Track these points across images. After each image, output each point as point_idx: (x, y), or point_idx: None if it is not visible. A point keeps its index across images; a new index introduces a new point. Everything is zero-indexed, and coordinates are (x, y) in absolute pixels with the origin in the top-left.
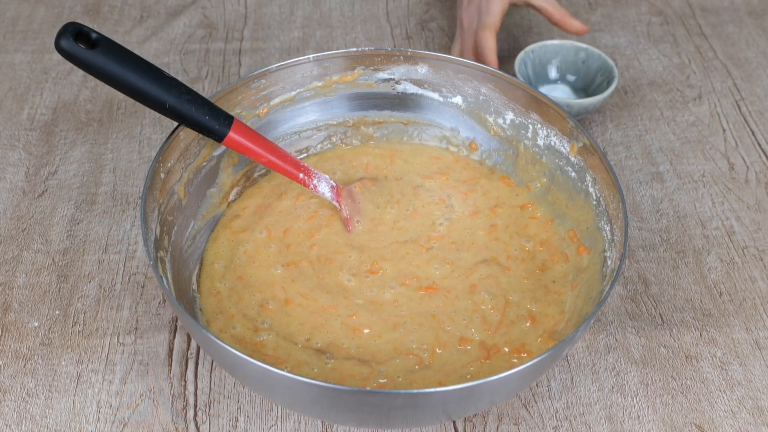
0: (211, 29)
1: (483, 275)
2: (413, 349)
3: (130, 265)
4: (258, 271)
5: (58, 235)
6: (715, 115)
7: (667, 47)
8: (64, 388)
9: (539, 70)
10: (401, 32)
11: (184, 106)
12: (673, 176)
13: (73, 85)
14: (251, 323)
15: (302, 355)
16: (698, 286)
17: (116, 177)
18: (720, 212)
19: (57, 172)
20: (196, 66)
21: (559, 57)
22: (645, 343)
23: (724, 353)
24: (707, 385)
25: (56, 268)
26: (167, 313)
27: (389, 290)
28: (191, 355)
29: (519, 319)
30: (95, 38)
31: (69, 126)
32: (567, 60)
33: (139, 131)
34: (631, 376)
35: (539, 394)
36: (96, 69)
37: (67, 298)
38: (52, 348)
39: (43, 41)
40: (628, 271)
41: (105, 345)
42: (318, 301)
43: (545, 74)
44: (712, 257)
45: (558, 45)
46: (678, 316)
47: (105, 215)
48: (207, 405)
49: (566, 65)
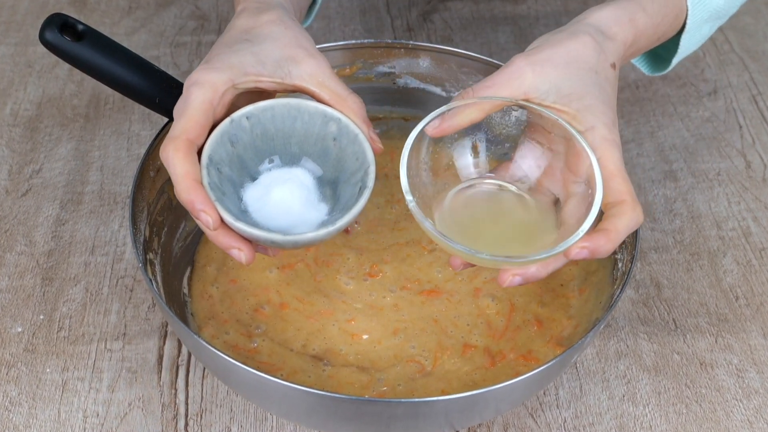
0: (203, 20)
1: (487, 278)
2: (414, 356)
3: (118, 267)
4: (252, 274)
5: (42, 236)
6: (731, 111)
7: None
8: (49, 396)
9: (261, 146)
10: (402, 24)
11: (174, 101)
12: (687, 175)
13: (59, 79)
14: (245, 328)
15: (298, 362)
16: (713, 290)
17: (103, 175)
18: (736, 212)
19: (41, 170)
20: (187, 59)
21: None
22: (657, 350)
23: (740, 360)
24: (723, 394)
25: (40, 270)
26: (157, 318)
27: (389, 294)
28: (182, 362)
29: (525, 325)
30: (81, 30)
31: (54, 122)
32: (310, 134)
33: (127, 127)
34: (643, 384)
35: (547, 402)
36: (82, 62)
37: (51, 302)
38: (36, 354)
39: (26, 33)
40: (639, 274)
41: (92, 351)
42: (315, 306)
43: (268, 154)
44: (728, 259)
45: (294, 107)
46: (692, 321)
47: (92, 215)
48: (198, 414)
49: (309, 142)
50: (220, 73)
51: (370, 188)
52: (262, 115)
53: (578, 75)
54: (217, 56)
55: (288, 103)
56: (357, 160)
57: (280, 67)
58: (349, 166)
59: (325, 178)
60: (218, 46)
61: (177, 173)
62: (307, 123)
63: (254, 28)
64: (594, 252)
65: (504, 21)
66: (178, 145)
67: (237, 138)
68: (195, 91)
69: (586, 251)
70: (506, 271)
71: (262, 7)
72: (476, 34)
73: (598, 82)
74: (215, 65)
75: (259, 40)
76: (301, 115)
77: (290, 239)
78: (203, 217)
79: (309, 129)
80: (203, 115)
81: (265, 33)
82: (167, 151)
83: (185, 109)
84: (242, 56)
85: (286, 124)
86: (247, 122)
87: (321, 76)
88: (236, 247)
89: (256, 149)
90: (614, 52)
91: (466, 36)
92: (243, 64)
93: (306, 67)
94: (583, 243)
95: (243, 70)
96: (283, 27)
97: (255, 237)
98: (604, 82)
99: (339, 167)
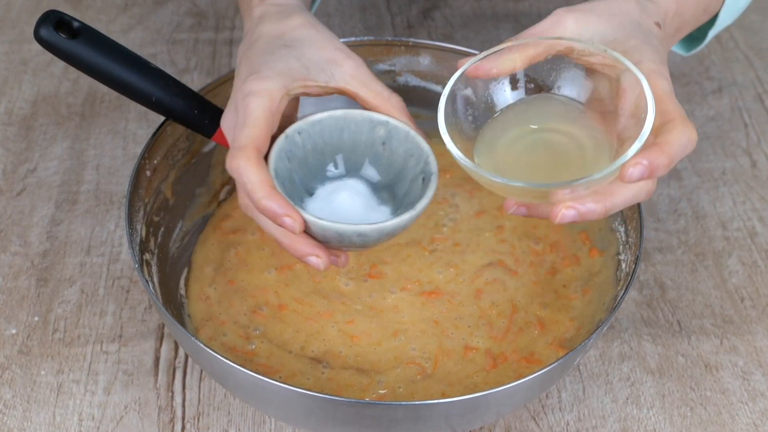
0: (201, 18)
1: (489, 279)
2: (415, 358)
3: (114, 268)
4: (250, 275)
5: (37, 237)
6: (736, 109)
7: None
8: (44, 399)
9: (313, 162)
10: (402, 21)
11: (171, 100)
12: (691, 174)
13: (54, 77)
14: (243, 330)
15: (297, 364)
16: (718, 291)
17: (99, 175)
18: (741, 212)
19: (36, 169)
20: (184, 57)
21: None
22: (662, 352)
23: (746, 362)
24: (728, 397)
25: (35, 271)
26: (153, 319)
27: (389, 295)
28: (179, 364)
29: (527, 326)
30: (77, 27)
31: (49, 120)
32: (358, 142)
33: (123, 126)
34: (647, 386)
35: (549, 405)
36: (78, 60)
37: (46, 303)
38: (30, 357)
39: (21, 30)
40: (643, 275)
41: (87, 353)
42: (314, 307)
43: (320, 168)
44: (733, 260)
45: (341, 118)
46: (697, 322)
47: (87, 215)
48: (195, 417)
49: (358, 151)
50: (272, 81)
51: (436, 173)
52: (311, 129)
53: (621, 24)
54: (263, 64)
55: (334, 115)
56: (412, 156)
57: (323, 71)
58: (403, 165)
59: (380, 183)
60: (256, 54)
61: (252, 182)
62: (354, 132)
63: (286, 33)
64: (652, 168)
65: (506, 18)
66: (249, 154)
67: (292, 154)
68: (253, 101)
69: (641, 167)
70: (558, 205)
71: (285, 11)
72: (477, 32)
73: (642, 32)
74: (266, 74)
75: (297, 45)
76: (347, 126)
77: (376, 228)
78: (287, 222)
79: (356, 138)
80: (266, 123)
81: (299, 37)
82: (238, 161)
83: (247, 118)
84: (288, 62)
85: (333, 136)
86: (299, 138)
87: (362, 76)
88: (315, 253)
89: (308, 164)
90: (657, 13)
91: (467, 33)
92: (291, 70)
93: (347, 68)
94: (637, 159)
95: (292, 76)
96: (315, 30)
97: (340, 232)
98: (649, 34)
99: (392, 169)
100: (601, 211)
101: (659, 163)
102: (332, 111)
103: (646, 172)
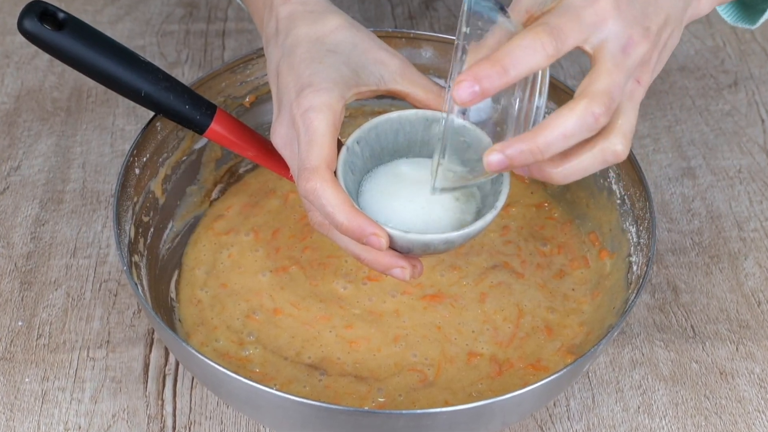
0: (192, 8)
1: (494, 282)
2: (416, 365)
3: (101, 271)
4: (243, 278)
5: (21, 238)
6: (753, 104)
7: (699, 28)
8: (28, 407)
9: (370, 167)
10: (403, 12)
11: (161, 94)
12: (706, 172)
13: (38, 71)
14: (236, 336)
15: (292, 371)
16: (734, 295)
17: (86, 173)
18: (758, 212)
19: (20, 167)
20: (174, 49)
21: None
22: (675, 358)
23: (763, 369)
24: (744, 405)
25: (19, 274)
26: (143, 324)
27: (389, 299)
28: (169, 371)
29: (534, 332)
30: (62, 18)
31: (33, 116)
32: (413, 142)
33: (111, 122)
34: (660, 394)
35: (557, 414)
36: (63, 52)
37: (31, 307)
38: (14, 363)
39: (4, 21)
40: (655, 278)
41: (73, 360)
42: (310, 311)
43: None
44: (749, 262)
45: (396, 120)
46: (712, 327)
47: (73, 215)
48: (187, 427)
49: (413, 152)
50: (330, 93)
51: None
52: (368, 136)
53: None
54: (314, 75)
55: (389, 118)
56: (470, 148)
57: (372, 74)
58: (463, 158)
59: None
60: (301, 62)
61: (333, 203)
62: (408, 133)
63: (326, 36)
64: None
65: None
66: (324, 175)
67: (354, 165)
68: (316, 117)
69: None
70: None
71: (317, 10)
72: None
73: None
74: (321, 86)
75: (342, 50)
76: (402, 127)
77: (462, 234)
78: (374, 240)
79: (411, 138)
80: (332, 139)
81: (342, 41)
82: (314, 183)
83: (313, 136)
84: (339, 70)
85: (389, 139)
86: (358, 147)
87: (410, 74)
88: (399, 265)
89: (367, 172)
90: None
91: None
92: (343, 78)
93: (394, 68)
94: None
95: (346, 84)
96: (355, 30)
97: (427, 242)
98: None
99: None
100: (533, 150)
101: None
102: (387, 114)
103: None
